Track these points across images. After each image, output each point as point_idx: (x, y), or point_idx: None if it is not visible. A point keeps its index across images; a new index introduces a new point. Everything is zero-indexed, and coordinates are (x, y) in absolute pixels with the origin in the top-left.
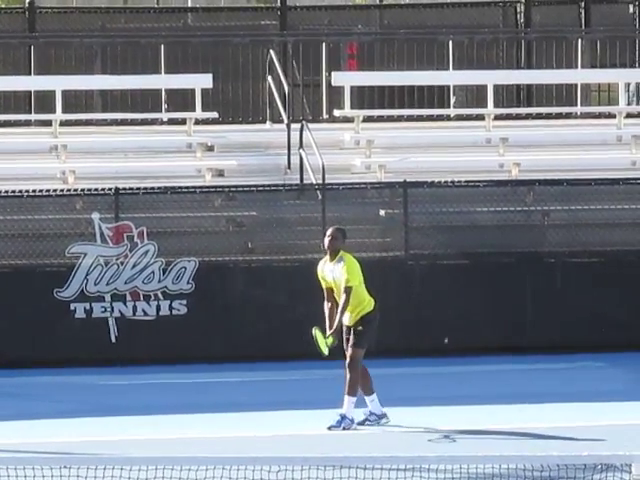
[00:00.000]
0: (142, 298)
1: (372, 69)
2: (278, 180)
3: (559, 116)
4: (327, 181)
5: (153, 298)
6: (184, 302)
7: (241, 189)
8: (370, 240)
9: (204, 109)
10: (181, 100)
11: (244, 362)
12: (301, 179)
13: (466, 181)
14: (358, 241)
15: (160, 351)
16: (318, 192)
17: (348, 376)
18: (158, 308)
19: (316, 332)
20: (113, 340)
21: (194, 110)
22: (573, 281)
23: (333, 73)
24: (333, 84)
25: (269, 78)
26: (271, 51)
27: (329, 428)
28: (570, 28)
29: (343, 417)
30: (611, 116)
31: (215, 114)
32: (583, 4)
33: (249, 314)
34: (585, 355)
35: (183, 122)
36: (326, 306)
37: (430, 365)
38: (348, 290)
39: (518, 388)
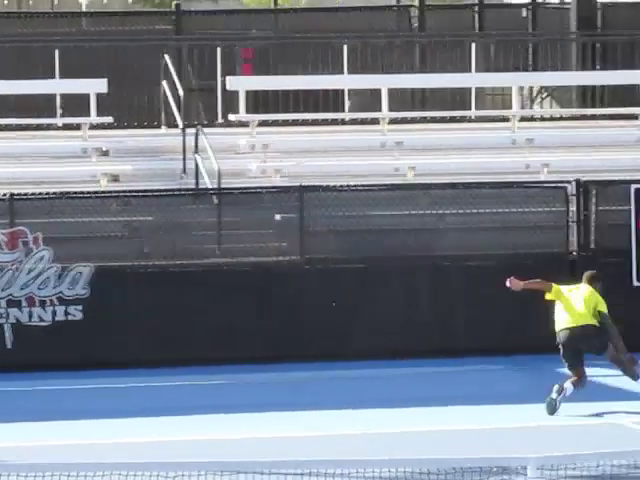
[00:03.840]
0: (38, 304)
1: (267, 73)
2: (174, 185)
3: (453, 120)
4: (223, 186)
5: (49, 304)
6: (80, 307)
7: (137, 194)
8: (266, 244)
9: (99, 114)
10: (76, 105)
11: (141, 367)
12: (197, 184)
13: (362, 185)
14: (254, 246)
15: (56, 357)
16: (214, 197)
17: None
18: (54, 314)
19: None
20: (9, 346)
21: (89, 115)
22: (468, 284)
23: (228, 78)
24: (228, 89)
25: (164, 83)
26: (166, 56)
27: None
28: (464, 32)
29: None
30: (505, 120)
31: (110, 119)
32: (477, 8)
33: (146, 319)
34: (479, 358)
35: (78, 127)
36: None
37: (323, 369)
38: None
39: (410, 393)
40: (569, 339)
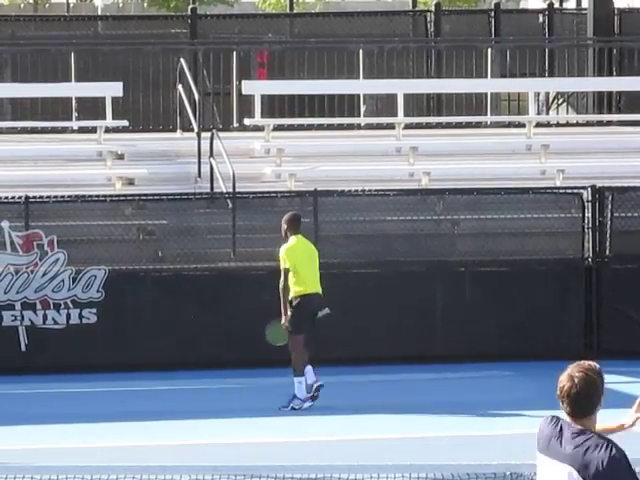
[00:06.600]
0: (52, 307)
1: (282, 78)
2: (188, 189)
3: (469, 125)
4: (237, 190)
5: (63, 307)
6: (94, 311)
7: (151, 197)
8: (276, 249)
9: (114, 117)
10: (91, 108)
11: (154, 371)
12: (211, 188)
13: (376, 190)
14: (269, 250)
15: (70, 360)
16: (228, 201)
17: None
18: (68, 317)
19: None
20: (23, 349)
21: (104, 118)
22: (482, 290)
23: (243, 82)
24: (243, 93)
25: (179, 86)
26: (181, 59)
27: (280, 408)
28: (480, 37)
29: (293, 396)
30: (521, 125)
31: (125, 122)
32: (493, 13)
33: (159, 323)
34: (493, 364)
35: (93, 130)
36: None
37: (344, 374)
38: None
39: (427, 397)
40: (314, 306)
